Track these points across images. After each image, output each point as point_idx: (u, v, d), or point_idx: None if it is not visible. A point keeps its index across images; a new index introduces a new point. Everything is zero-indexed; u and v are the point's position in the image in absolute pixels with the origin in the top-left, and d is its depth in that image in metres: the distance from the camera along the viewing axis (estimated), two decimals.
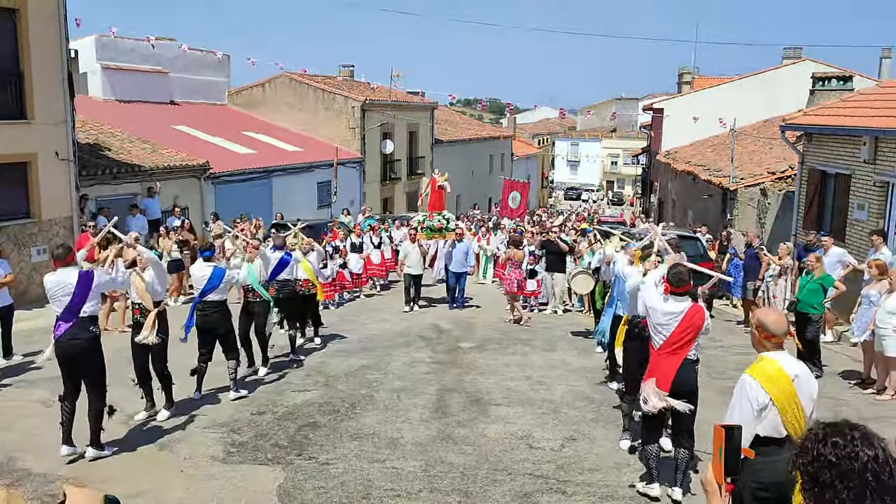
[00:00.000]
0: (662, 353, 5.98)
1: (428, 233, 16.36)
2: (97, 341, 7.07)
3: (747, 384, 4.25)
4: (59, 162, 15.32)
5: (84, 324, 6.92)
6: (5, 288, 10.52)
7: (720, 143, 29.88)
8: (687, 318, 5.92)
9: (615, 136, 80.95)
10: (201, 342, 8.98)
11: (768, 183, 20.26)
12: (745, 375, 4.31)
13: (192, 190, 21.14)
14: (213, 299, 8.86)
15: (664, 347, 5.97)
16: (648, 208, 42.10)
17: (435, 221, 16.40)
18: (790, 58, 34.65)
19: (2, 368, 10.09)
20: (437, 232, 16.43)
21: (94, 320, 7.08)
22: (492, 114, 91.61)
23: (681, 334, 5.92)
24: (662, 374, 5.92)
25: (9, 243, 13.85)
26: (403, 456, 7.23)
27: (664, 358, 5.96)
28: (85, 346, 6.92)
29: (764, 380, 4.22)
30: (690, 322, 5.92)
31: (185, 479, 6.64)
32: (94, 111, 22.57)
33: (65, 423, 6.95)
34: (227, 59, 31.52)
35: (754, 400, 4.19)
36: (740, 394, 4.27)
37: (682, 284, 6.00)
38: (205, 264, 9.01)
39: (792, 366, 4.35)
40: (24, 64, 14.52)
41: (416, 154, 36.24)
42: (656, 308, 6.07)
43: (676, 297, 5.99)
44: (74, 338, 6.87)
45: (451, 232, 16.12)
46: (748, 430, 4.17)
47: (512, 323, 13.88)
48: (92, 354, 7.00)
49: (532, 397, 9.24)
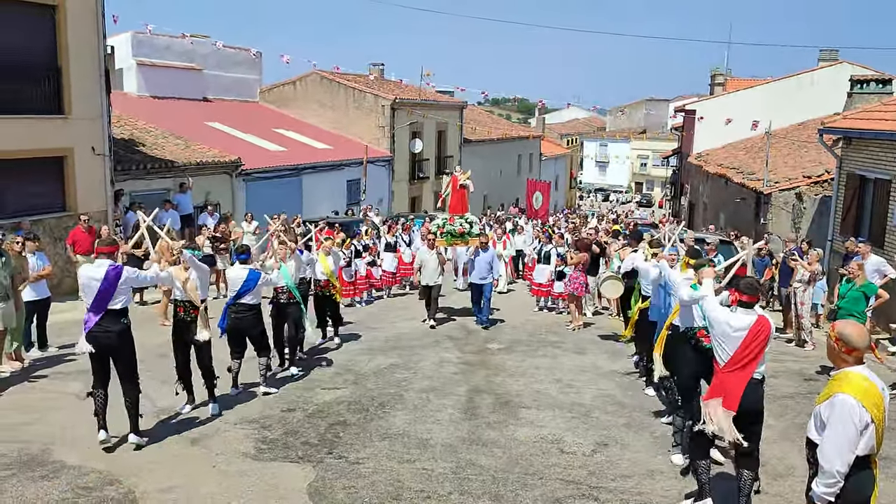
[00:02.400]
0: (729, 370, 5.59)
1: (448, 238, 14.50)
2: (128, 333, 7.16)
3: (848, 404, 4.04)
4: (94, 157, 15.53)
5: (115, 316, 7.01)
6: (43, 280, 10.66)
7: (753, 145, 29.47)
8: (754, 330, 5.55)
9: (645, 137, 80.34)
10: (233, 343, 9.02)
11: (804, 187, 19.92)
12: (843, 395, 4.09)
13: (223, 186, 21.30)
14: (247, 302, 8.89)
15: (730, 364, 5.58)
16: (679, 211, 41.66)
17: (456, 226, 14.49)
18: (826, 60, 34.10)
19: (38, 360, 10.23)
20: (458, 238, 14.51)
21: (125, 312, 7.16)
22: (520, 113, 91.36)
23: (748, 348, 5.53)
24: (730, 393, 5.53)
25: (45, 236, 14.04)
26: (433, 457, 7.20)
27: (732, 375, 5.57)
28: (116, 339, 7.02)
29: (863, 397, 4.05)
30: (758, 333, 5.55)
31: (217, 475, 6.66)
32: (130, 107, 22.87)
33: (99, 411, 7.05)
34: (259, 56, 31.79)
35: (858, 420, 4.02)
36: (839, 415, 4.06)
37: (752, 294, 5.64)
38: (241, 267, 9.05)
39: (877, 380, 4.19)
40: (61, 60, 14.73)
41: (444, 153, 36.21)
42: (721, 320, 5.67)
43: (744, 309, 5.64)
44: (106, 330, 6.96)
45: (474, 238, 14.22)
46: (850, 452, 4.03)
47: (574, 330, 13.62)
48: (123, 346, 7.10)
49: (562, 401, 9.15)
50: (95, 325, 6.95)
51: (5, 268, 9.55)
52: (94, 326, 6.95)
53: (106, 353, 7.05)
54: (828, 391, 4.24)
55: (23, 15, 14.14)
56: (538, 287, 15.48)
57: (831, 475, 4.09)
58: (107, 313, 6.97)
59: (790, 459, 7.26)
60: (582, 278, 13.87)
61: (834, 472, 4.07)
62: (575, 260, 14.10)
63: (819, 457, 4.18)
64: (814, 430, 4.33)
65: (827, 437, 4.13)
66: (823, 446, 4.14)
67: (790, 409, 8.90)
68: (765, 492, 6.51)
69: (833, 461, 4.07)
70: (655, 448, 7.55)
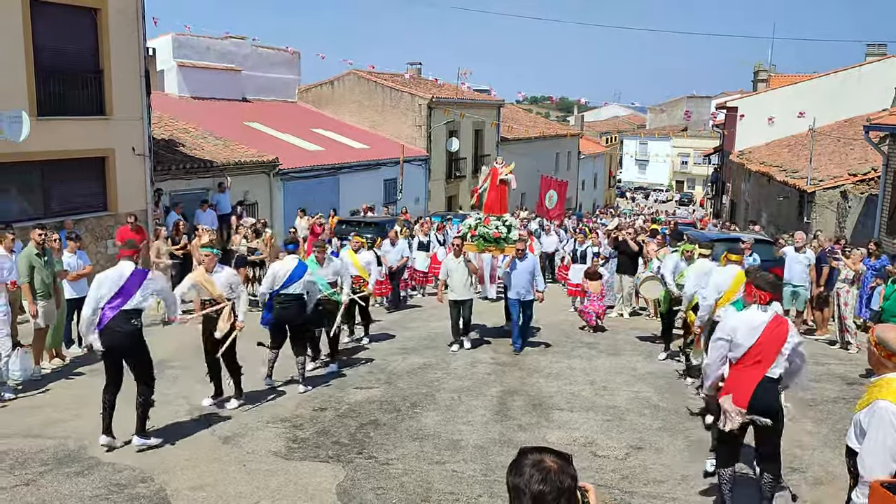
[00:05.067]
0: (741, 366, 5.52)
1: (480, 243, 12.30)
2: (138, 333, 7.19)
3: (890, 412, 3.88)
4: (135, 157, 15.80)
5: (126, 316, 7.05)
6: (84, 278, 10.86)
7: (797, 143, 28.84)
8: (769, 328, 5.45)
9: (686, 135, 79.16)
10: (275, 332, 9.20)
11: (849, 185, 19.40)
12: (883, 402, 3.93)
13: (261, 186, 21.53)
14: (292, 293, 9.06)
15: (743, 361, 5.50)
16: (720, 209, 40.96)
17: (491, 228, 12.29)
18: (874, 54, 33.20)
19: (77, 357, 10.43)
20: (492, 243, 12.32)
21: (138, 314, 7.19)
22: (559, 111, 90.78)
23: (761, 346, 5.43)
24: (740, 391, 5.44)
25: (87, 235, 14.34)
26: (464, 459, 7.14)
27: (743, 371, 5.49)
28: (126, 339, 7.06)
29: None
30: (774, 333, 5.43)
31: (247, 474, 6.69)
32: (170, 107, 23.23)
33: (105, 414, 7.08)
34: (297, 56, 32.05)
35: None
36: (880, 422, 3.91)
37: (768, 289, 5.52)
38: (290, 258, 9.30)
39: None
40: (103, 62, 15.02)
41: (481, 152, 36.11)
42: (737, 326, 5.57)
43: (758, 306, 5.54)
44: (117, 328, 7.01)
45: (511, 246, 12.01)
46: (892, 461, 3.87)
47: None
48: (134, 346, 7.14)
49: (596, 403, 9.02)
50: (107, 324, 6.99)
51: (47, 266, 9.76)
52: (105, 325, 7.00)
53: (117, 352, 7.11)
54: (868, 398, 4.08)
55: (66, 18, 14.45)
56: (574, 287, 15.29)
57: None
58: (120, 313, 7.01)
59: (832, 467, 7.03)
60: (601, 309, 13.59)
61: None
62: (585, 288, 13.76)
63: (859, 466, 4.03)
64: (854, 439, 4.17)
65: (867, 445, 3.97)
66: (863, 455, 3.99)
67: (832, 415, 8.63)
68: (803, 499, 6.32)
69: (873, 470, 3.91)
70: (690, 453, 7.39)
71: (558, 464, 2.39)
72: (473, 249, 12.28)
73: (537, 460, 2.39)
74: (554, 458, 2.41)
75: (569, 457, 2.45)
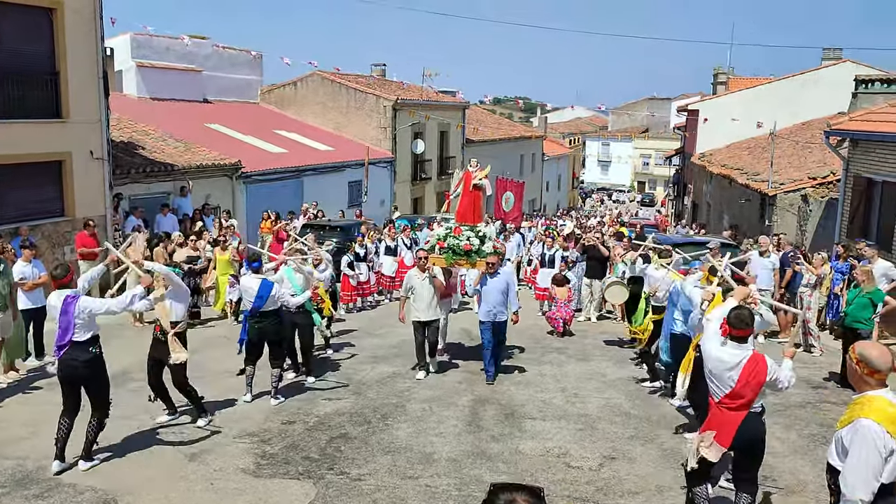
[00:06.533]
0: (722, 407, 5.34)
1: (449, 256, 10.95)
2: (98, 361, 6.92)
3: (873, 430, 3.86)
4: (93, 160, 15.37)
5: (83, 346, 6.78)
6: (39, 288, 10.50)
7: (757, 145, 29.28)
8: (747, 369, 5.25)
9: (647, 137, 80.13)
10: (250, 349, 8.90)
11: (810, 189, 19.73)
12: (865, 420, 3.91)
13: (223, 189, 21.14)
14: (266, 309, 8.76)
15: (724, 402, 5.33)
16: (682, 211, 41.48)
17: (462, 239, 10.99)
18: (830, 59, 33.89)
19: (33, 370, 10.08)
20: (463, 256, 10.98)
21: (94, 341, 6.89)
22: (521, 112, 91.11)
23: (744, 391, 5.25)
24: (723, 430, 5.28)
25: (43, 242, 13.91)
26: (437, 473, 7.03)
27: (724, 413, 5.32)
28: (83, 369, 6.80)
29: (887, 423, 3.87)
30: (752, 375, 5.25)
31: (215, 493, 6.49)
32: (129, 109, 22.69)
33: (60, 440, 6.81)
34: (259, 57, 31.61)
35: (883, 447, 3.84)
36: (863, 442, 3.88)
37: (742, 328, 5.32)
38: (253, 276, 8.89)
39: None
40: (59, 63, 14.57)
41: (446, 154, 36.03)
42: (711, 355, 5.42)
43: (734, 343, 5.35)
44: (73, 359, 6.76)
45: (482, 259, 10.58)
46: (874, 480, 3.85)
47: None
48: (92, 375, 6.88)
49: (568, 411, 8.98)
50: (64, 354, 6.75)
51: (3, 276, 9.41)
52: (62, 355, 6.76)
53: (75, 381, 6.87)
54: (850, 415, 4.07)
55: (21, 18, 13.98)
56: (542, 291, 15.30)
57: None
58: (73, 344, 6.75)
59: (802, 475, 7.09)
60: (569, 315, 13.64)
61: (857, 500, 3.90)
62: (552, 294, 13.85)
63: (841, 484, 4.01)
64: (835, 456, 4.16)
65: (849, 464, 3.95)
66: (846, 473, 3.97)
67: (800, 420, 8.72)
68: None
69: (856, 489, 3.90)
70: (664, 462, 7.38)
71: (531, 502, 2.31)
72: (441, 264, 10.91)
73: (509, 500, 2.32)
74: (526, 496, 2.33)
75: (541, 492, 2.36)
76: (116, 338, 10.96)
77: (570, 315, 13.72)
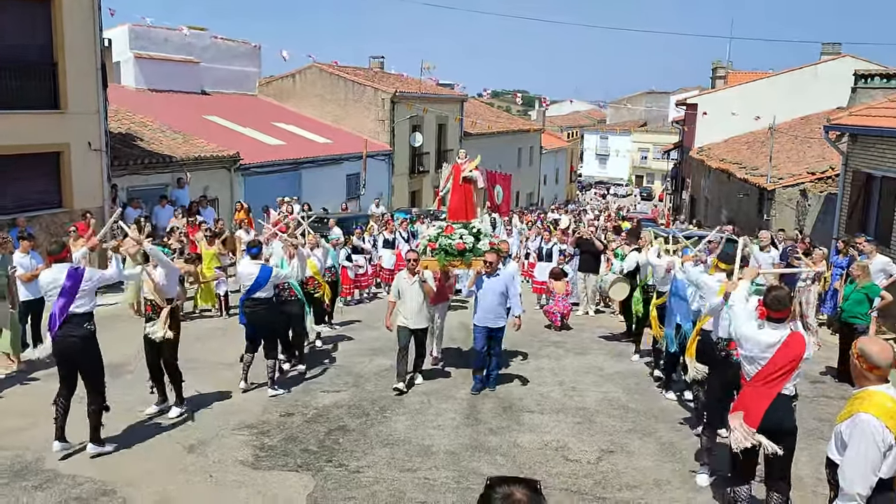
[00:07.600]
0: (754, 384, 5.27)
1: (442, 257, 10.18)
2: (93, 338, 6.98)
3: (871, 425, 3.88)
4: (91, 152, 15.35)
5: (78, 321, 6.84)
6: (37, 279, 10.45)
7: (755, 140, 29.30)
8: (784, 347, 5.17)
9: (646, 131, 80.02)
10: (247, 335, 9.02)
11: (808, 184, 19.74)
12: (864, 415, 3.92)
13: (221, 181, 21.12)
14: (260, 296, 8.84)
15: (757, 379, 5.24)
16: (680, 205, 41.51)
17: (455, 238, 10.22)
18: (829, 53, 33.87)
19: (30, 362, 10.05)
20: (457, 256, 10.22)
21: (90, 317, 6.97)
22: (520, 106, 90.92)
23: (777, 365, 5.17)
24: (752, 409, 5.21)
25: (41, 233, 13.88)
26: (435, 465, 7.04)
27: (755, 390, 5.23)
28: (80, 344, 6.85)
29: (886, 418, 3.89)
30: (789, 352, 5.17)
31: (214, 486, 6.51)
32: (127, 100, 22.65)
33: (58, 420, 6.91)
34: (258, 49, 31.53)
35: (881, 442, 3.86)
36: (861, 436, 3.89)
37: (781, 309, 5.24)
38: (251, 262, 8.98)
39: None
40: (57, 54, 14.54)
41: (444, 147, 36.00)
42: (749, 337, 5.31)
43: (773, 324, 5.26)
44: (69, 335, 6.80)
45: (478, 258, 9.84)
46: (872, 475, 3.86)
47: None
48: (87, 351, 6.92)
49: (566, 404, 9.00)
50: (59, 330, 6.78)
51: (1, 267, 9.39)
52: (58, 331, 6.79)
53: (70, 359, 6.91)
54: (849, 410, 4.09)
55: (19, 9, 13.94)
56: (539, 285, 15.31)
57: (851, 498, 3.94)
58: (70, 318, 6.79)
59: (797, 468, 7.10)
60: (566, 309, 13.64)
61: (854, 494, 3.92)
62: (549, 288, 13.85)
63: (840, 478, 4.03)
64: (834, 450, 4.18)
65: (848, 458, 3.97)
66: (844, 468, 3.99)
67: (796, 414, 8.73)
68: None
69: (854, 483, 3.92)
70: (662, 455, 7.41)
71: (528, 496, 2.32)
72: (434, 266, 10.09)
73: (507, 494, 2.32)
74: (523, 489, 2.34)
75: (538, 485, 2.37)
76: (108, 330, 10.93)
77: (567, 309, 13.73)
